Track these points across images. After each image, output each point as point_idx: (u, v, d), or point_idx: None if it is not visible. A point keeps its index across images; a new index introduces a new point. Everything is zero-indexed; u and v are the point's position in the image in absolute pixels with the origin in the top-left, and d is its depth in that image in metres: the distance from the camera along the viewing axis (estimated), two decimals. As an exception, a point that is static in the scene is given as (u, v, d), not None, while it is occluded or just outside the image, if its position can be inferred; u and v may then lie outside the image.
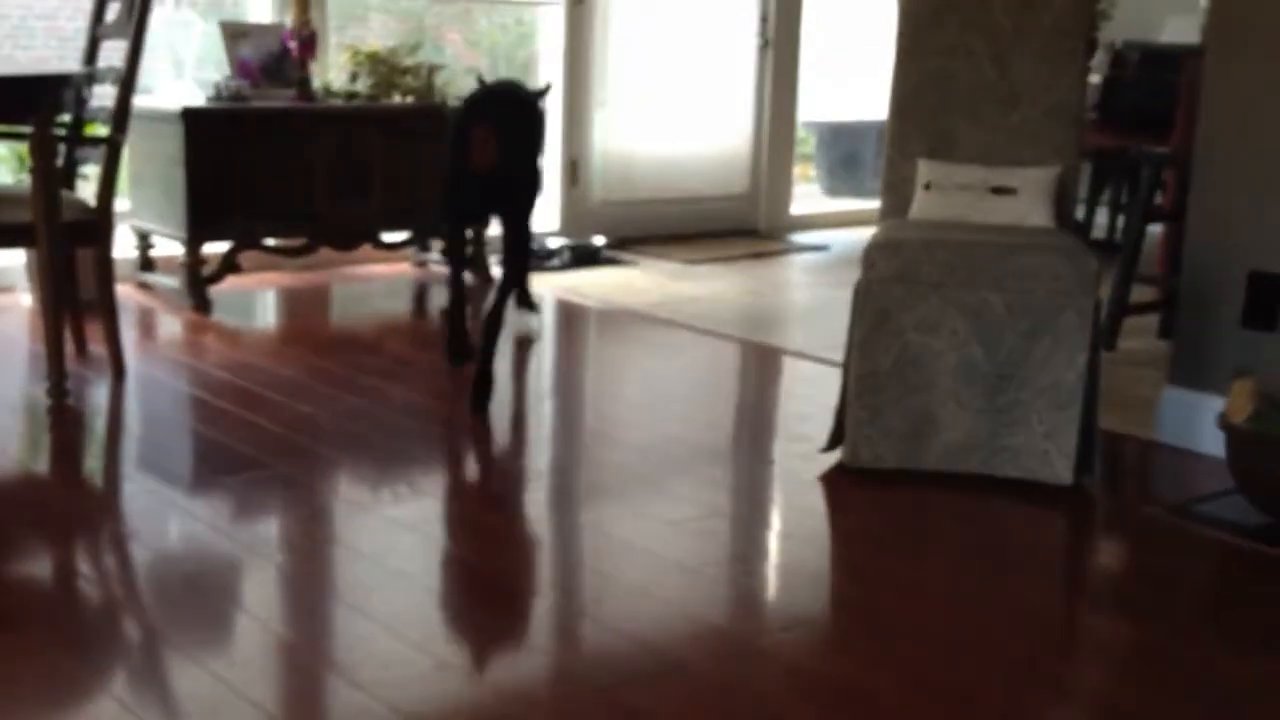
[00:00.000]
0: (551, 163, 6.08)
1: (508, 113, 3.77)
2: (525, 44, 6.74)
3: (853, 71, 7.32)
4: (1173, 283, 4.33)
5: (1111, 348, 4.37)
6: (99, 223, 3.59)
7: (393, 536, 2.67)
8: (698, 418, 3.65)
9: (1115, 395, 3.82)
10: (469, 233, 4.62)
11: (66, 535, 2.65)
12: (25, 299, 4.57)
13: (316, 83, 4.93)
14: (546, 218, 6.22)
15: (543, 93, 4.00)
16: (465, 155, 3.60)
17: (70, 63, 3.98)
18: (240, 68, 4.75)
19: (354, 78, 5.02)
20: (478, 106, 3.72)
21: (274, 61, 4.82)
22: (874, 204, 3.86)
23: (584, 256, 5.66)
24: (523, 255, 3.97)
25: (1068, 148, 3.41)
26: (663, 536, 2.73)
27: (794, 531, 2.86)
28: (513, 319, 4.50)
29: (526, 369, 4.19)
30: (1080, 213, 5.67)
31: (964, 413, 3.07)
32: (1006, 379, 3.04)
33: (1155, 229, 5.00)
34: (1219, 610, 2.57)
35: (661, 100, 6.39)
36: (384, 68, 5.01)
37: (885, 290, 3.07)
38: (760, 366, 4.35)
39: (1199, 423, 3.35)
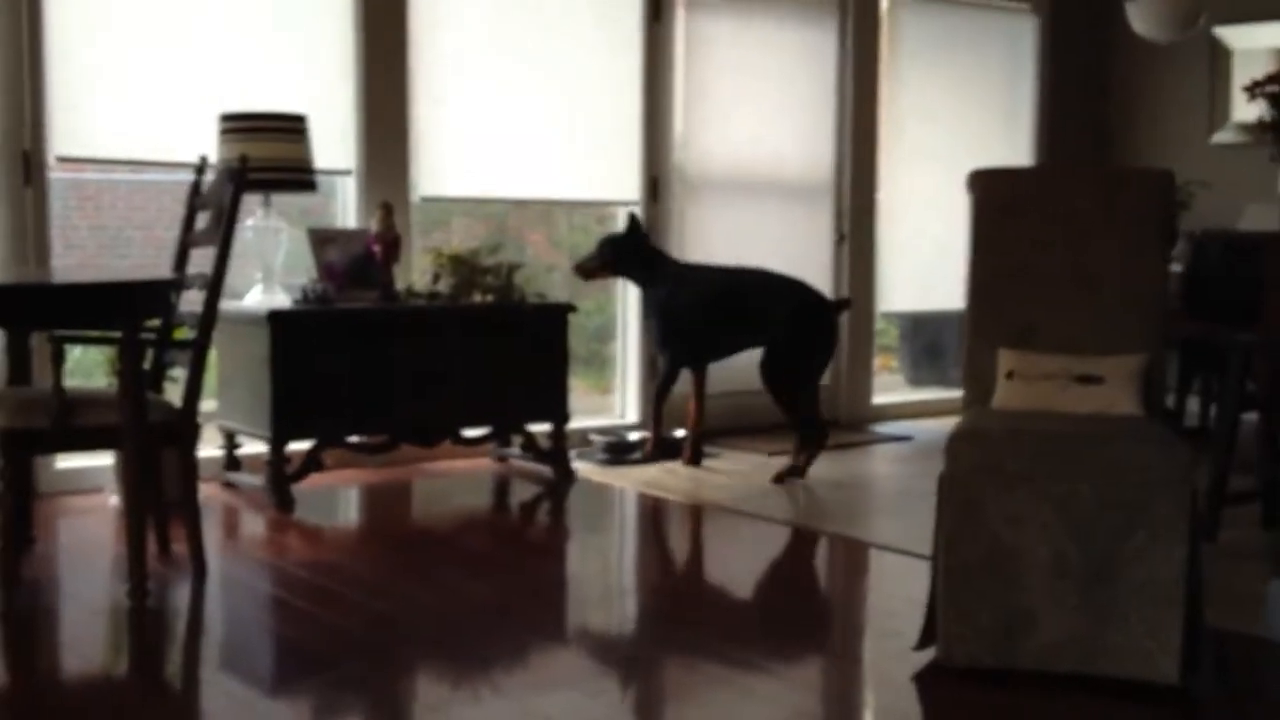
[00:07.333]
0: (631, 354, 6.13)
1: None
2: (605, 243, 6.83)
3: (932, 260, 7.32)
4: (1271, 472, 4.21)
5: (1213, 539, 4.23)
6: (184, 424, 3.64)
7: (470, 742, 2.60)
8: (783, 615, 3.56)
9: (1219, 589, 3.67)
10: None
11: (141, 741, 2.61)
12: (113, 499, 4.63)
13: (400, 284, 5.04)
14: (628, 410, 6.23)
15: (842, 304, 5.55)
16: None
17: (164, 270, 4.09)
18: (326, 271, 4.87)
19: (436, 279, 5.11)
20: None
21: (359, 265, 4.93)
22: (957, 393, 3.81)
23: (666, 449, 5.62)
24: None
25: (1153, 335, 3.35)
26: (749, 741, 2.63)
27: (886, 735, 2.74)
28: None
29: (609, 566, 4.13)
30: (1170, 401, 5.57)
31: (1059, 609, 2.95)
32: (1103, 574, 2.93)
33: (1249, 416, 4.88)
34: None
35: (740, 294, 6.42)
36: (465, 268, 5.10)
37: (971, 481, 3.00)
38: (846, 560, 4.25)
39: (1309, 617, 3.21)
